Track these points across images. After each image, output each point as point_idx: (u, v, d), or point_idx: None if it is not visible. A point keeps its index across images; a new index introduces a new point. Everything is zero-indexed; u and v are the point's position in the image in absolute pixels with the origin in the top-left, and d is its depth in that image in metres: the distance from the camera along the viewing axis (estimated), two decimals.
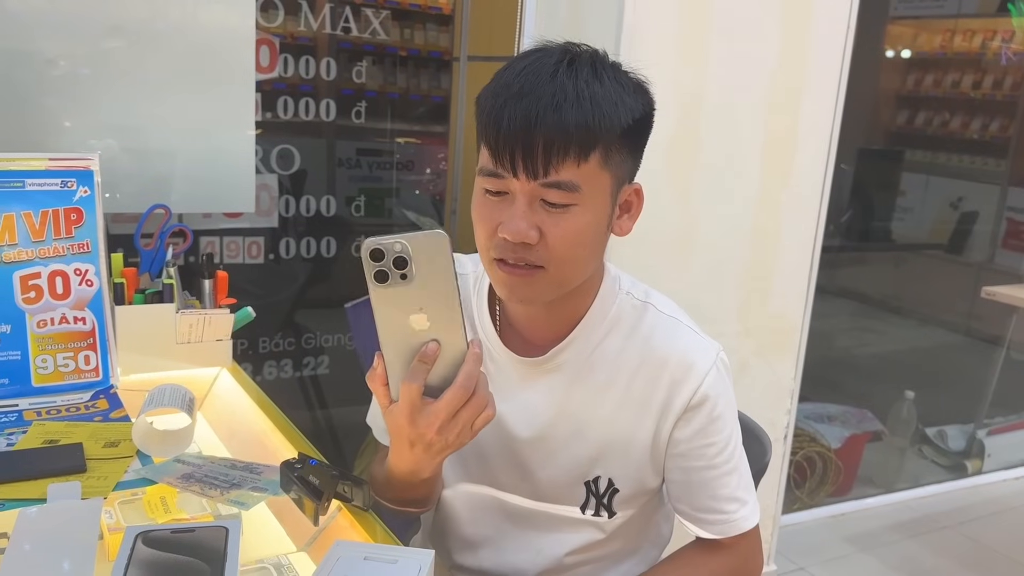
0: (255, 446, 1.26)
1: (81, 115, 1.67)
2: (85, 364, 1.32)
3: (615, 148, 0.92)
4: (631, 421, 1.05)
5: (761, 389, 2.24)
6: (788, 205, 2.17)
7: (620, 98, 0.92)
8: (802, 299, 2.25)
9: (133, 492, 1.06)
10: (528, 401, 1.07)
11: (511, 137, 0.89)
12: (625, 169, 0.97)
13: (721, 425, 1.05)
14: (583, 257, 0.97)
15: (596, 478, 1.07)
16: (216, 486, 1.04)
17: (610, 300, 1.06)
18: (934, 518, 3.03)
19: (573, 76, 0.90)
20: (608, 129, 0.90)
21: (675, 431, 1.04)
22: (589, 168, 0.91)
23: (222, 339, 1.43)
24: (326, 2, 2.46)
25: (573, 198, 0.91)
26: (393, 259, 0.81)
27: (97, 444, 1.14)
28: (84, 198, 1.31)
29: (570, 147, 0.89)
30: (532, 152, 0.89)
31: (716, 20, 1.96)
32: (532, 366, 1.06)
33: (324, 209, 2.53)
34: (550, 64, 0.91)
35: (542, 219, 0.92)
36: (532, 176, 0.90)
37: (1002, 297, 2.69)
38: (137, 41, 1.69)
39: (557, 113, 0.88)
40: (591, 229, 0.94)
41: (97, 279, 1.32)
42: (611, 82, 0.92)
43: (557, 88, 0.89)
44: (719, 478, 1.06)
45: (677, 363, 1.03)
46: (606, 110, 0.90)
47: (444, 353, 0.86)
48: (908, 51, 5.53)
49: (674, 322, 1.06)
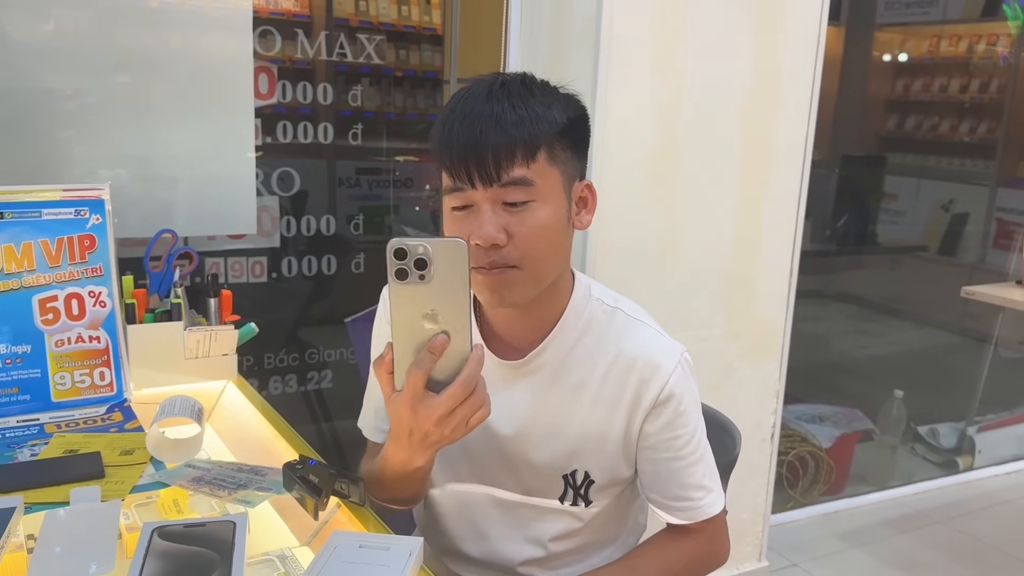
0: (260, 452, 1.34)
1: (91, 146, 1.76)
2: (100, 380, 1.41)
3: (558, 146, 1.04)
4: (604, 418, 1.14)
5: (747, 390, 2.32)
6: (768, 211, 2.25)
7: (551, 104, 1.04)
8: (784, 301, 2.33)
9: (148, 495, 1.14)
10: (510, 401, 1.16)
11: (463, 152, 1.01)
12: (572, 166, 1.08)
13: (687, 419, 1.14)
14: (550, 251, 1.07)
15: (573, 471, 1.16)
16: (224, 487, 1.13)
17: (582, 306, 1.15)
18: (926, 513, 3.08)
19: (506, 93, 1.02)
20: (546, 129, 1.02)
21: (644, 425, 1.13)
22: (538, 166, 1.02)
23: (227, 354, 1.52)
24: (322, 28, 2.54)
25: (530, 193, 1.02)
26: (415, 260, 0.90)
27: (114, 452, 1.23)
28: (96, 225, 1.40)
29: (516, 149, 1.00)
30: (484, 161, 1.00)
31: (689, 38, 2.04)
32: (513, 369, 1.15)
33: (324, 228, 2.61)
34: (484, 89, 1.03)
35: (507, 220, 1.03)
36: (488, 182, 1.01)
37: (981, 296, 2.75)
38: (141, 72, 1.77)
39: (498, 123, 1.00)
40: (553, 221, 1.05)
41: (110, 300, 1.41)
42: (541, 93, 1.05)
43: (495, 104, 1.01)
44: (686, 468, 1.15)
45: (644, 363, 1.12)
46: (540, 113, 1.02)
47: (450, 352, 0.93)
48: (897, 56, 5.60)
49: (641, 325, 1.15)
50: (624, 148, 2.01)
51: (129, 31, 1.76)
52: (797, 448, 2.95)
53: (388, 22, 2.74)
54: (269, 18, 2.37)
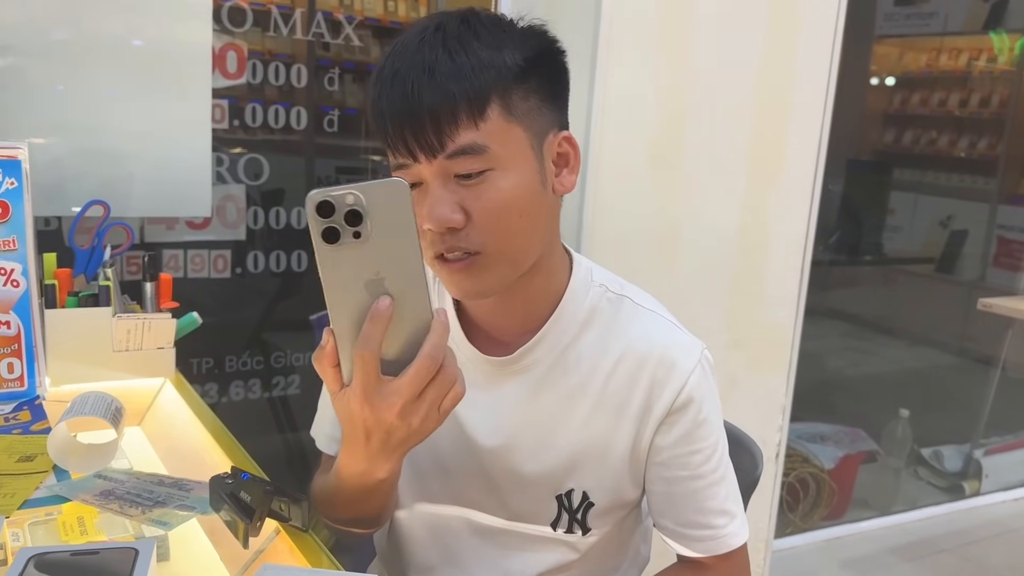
0: (194, 463, 1.14)
1: (23, 109, 1.58)
2: (8, 372, 1.20)
3: (516, 95, 0.84)
4: (607, 426, 0.94)
5: (751, 405, 2.14)
6: (776, 208, 2.10)
7: (502, 43, 0.84)
8: (793, 307, 2.16)
9: (48, 512, 0.94)
10: (494, 406, 0.96)
11: (396, 119, 0.82)
12: (541, 117, 0.87)
13: (707, 430, 0.94)
14: (522, 227, 0.86)
15: (569, 491, 0.96)
16: (137, 504, 0.92)
17: (583, 293, 0.96)
18: (932, 541, 2.93)
19: (441, 39, 0.82)
20: (496, 76, 0.82)
21: (657, 437, 0.93)
22: (491, 125, 0.82)
23: (164, 347, 1.31)
24: (304, 19, 2.39)
25: (485, 161, 0.82)
26: (345, 213, 0.69)
27: (10, 458, 1.02)
28: (10, 191, 1.19)
29: (458, 108, 0.81)
30: (421, 127, 0.81)
31: (699, 15, 1.90)
32: (499, 366, 0.95)
33: (295, 221, 2.43)
34: (415, 34, 0.84)
35: (462, 197, 0.83)
36: (431, 153, 0.82)
37: (999, 309, 2.61)
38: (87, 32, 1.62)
39: (432, 77, 0.80)
40: (520, 191, 0.84)
41: (24, 279, 1.20)
42: (489, 32, 0.84)
43: (427, 55, 0.81)
44: (706, 489, 0.95)
45: (658, 361, 0.92)
46: (486, 58, 0.82)
47: (404, 323, 0.72)
48: (894, 70, 5.53)
49: (653, 316, 0.96)
50: (623, 130, 1.87)
51: None
52: (798, 469, 2.78)
53: (373, 16, 2.60)
54: (246, 8, 2.20)
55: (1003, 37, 4.76)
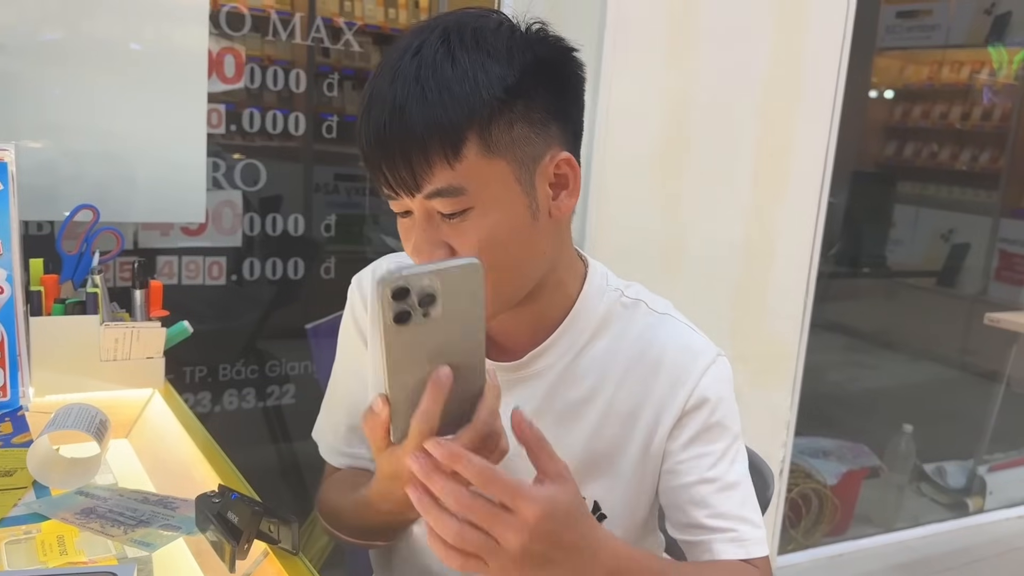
0: (182, 478, 1.10)
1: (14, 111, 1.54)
2: None
3: (496, 128, 0.78)
4: (619, 434, 0.90)
5: (756, 420, 2.10)
6: (782, 221, 2.08)
7: (480, 69, 0.77)
8: (798, 321, 2.14)
9: (26, 530, 0.90)
10: (503, 413, 0.92)
11: (372, 156, 0.79)
12: (532, 145, 0.81)
13: (719, 434, 0.89)
14: (510, 260, 0.82)
15: None
16: (120, 523, 0.88)
17: (596, 300, 0.93)
18: (937, 559, 2.89)
19: (416, 66, 0.76)
20: (469, 112, 0.76)
21: (668, 442, 0.90)
22: (467, 164, 0.77)
23: (153, 356, 1.27)
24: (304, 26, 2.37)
25: (462, 202, 0.78)
26: (420, 297, 0.67)
27: None
28: None
29: (429, 150, 0.76)
30: (394, 166, 0.77)
31: (705, 21, 1.88)
32: (507, 372, 0.92)
33: (292, 228, 2.40)
34: (395, 58, 0.78)
35: (446, 232, 0.80)
36: (408, 192, 0.79)
37: (1006, 324, 2.58)
38: (81, 37, 1.59)
39: (401, 117, 0.76)
40: (504, 227, 0.80)
41: (8, 285, 1.16)
42: (468, 54, 0.77)
43: (398, 87, 0.76)
44: (716, 493, 0.89)
45: (671, 365, 0.89)
46: (458, 93, 0.76)
47: (459, 386, 0.71)
48: (896, 83, 5.52)
49: (669, 320, 0.93)
50: (628, 140, 1.85)
51: None
52: (800, 485, 2.73)
53: (374, 23, 2.58)
54: (245, 13, 2.17)
55: (1001, 51, 4.75)
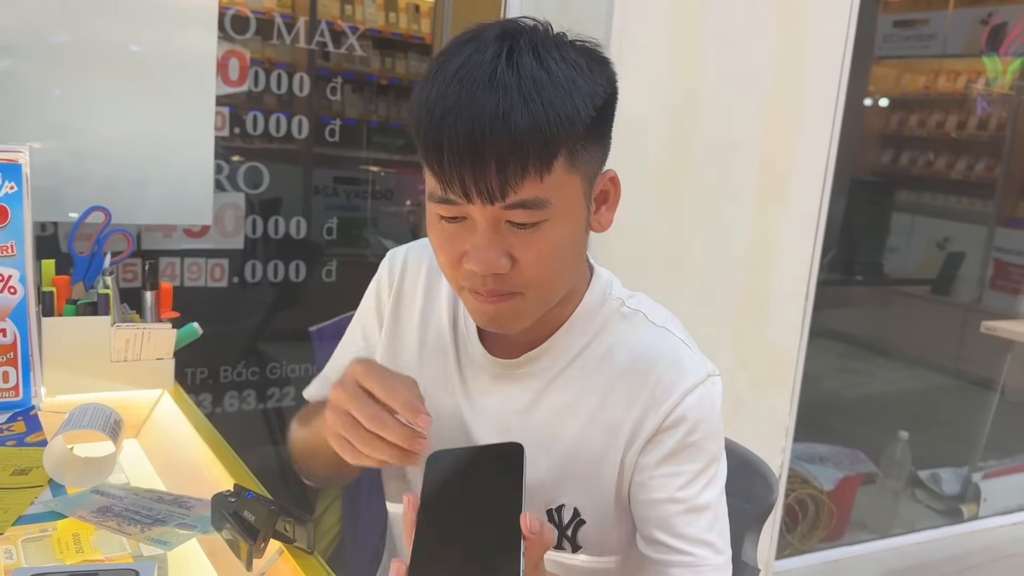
0: (193, 479, 1.11)
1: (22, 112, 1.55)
2: (3, 381, 1.16)
3: (580, 146, 0.79)
4: (600, 443, 0.90)
5: (755, 426, 2.12)
6: (784, 230, 2.09)
7: (575, 87, 0.78)
8: (798, 329, 2.15)
9: (42, 528, 0.91)
10: (499, 408, 0.94)
11: (457, 160, 0.76)
12: (596, 160, 0.84)
13: (695, 455, 0.88)
14: (563, 274, 0.86)
15: (560, 507, 0.92)
16: (136, 522, 0.89)
17: (597, 306, 0.94)
18: (932, 565, 2.91)
19: (515, 71, 0.76)
20: (568, 129, 0.77)
21: (642, 456, 0.89)
22: (554, 178, 0.78)
23: (163, 358, 1.28)
24: (305, 29, 2.38)
25: (542, 214, 0.79)
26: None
27: (4, 471, 0.99)
28: (10, 195, 1.16)
29: (528, 164, 0.76)
30: (485, 175, 0.76)
31: (708, 29, 1.89)
32: (505, 368, 0.94)
33: (294, 231, 2.41)
34: (486, 63, 0.76)
35: (511, 243, 0.80)
36: (489, 200, 0.77)
37: (1002, 332, 2.60)
38: (89, 40, 1.60)
39: (505, 124, 0.74)
40: (568, 240, 0.83)
41: (21, 286, 1.17)
42: (560, 66, 0.78)
43: (500, 92, 0.75)
44: (682, 515, 0.88)
45: (657, 379, 0.89)
46: (560, 107, 0.76)
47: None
48: (893, 91, 5.54)
49: (664, 334, 0.93)
50: (632, 148, 1.84)
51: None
52: (797, 490, 2.75)
53: (374, 28, 2.59)
54: (243, 15, 2.18)
55: (996, 61, 4.77)
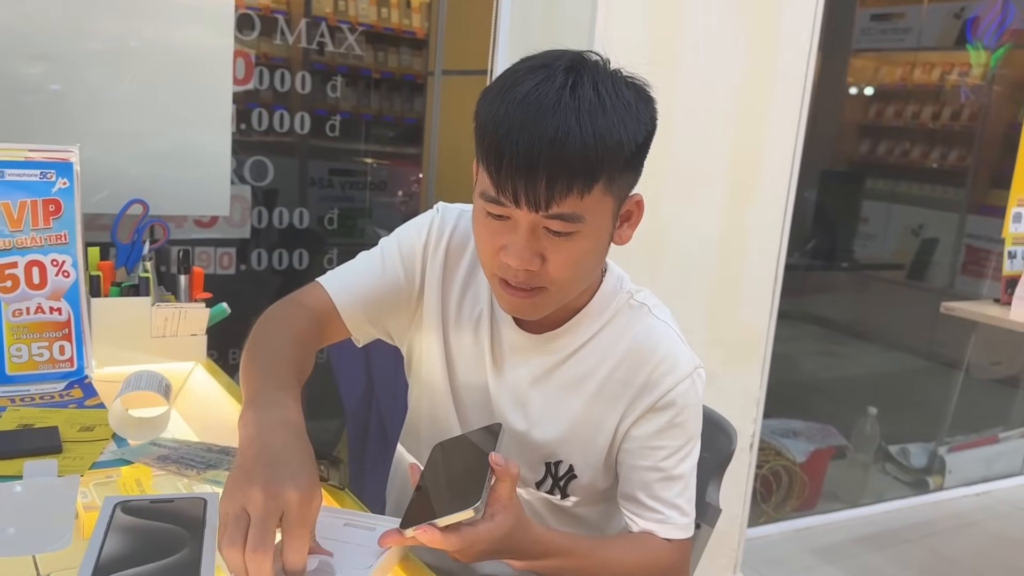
0: (230, 436, 1.26)
1: (59, 115, 1.68)
2: (60, 354, 1.32)
3: (619, 173, 0.94)
4: (601, 413, 1.08)
5: (728, 397, 2.28)
6: (753, 219, 2.23)
7: (624, 123, 0.91)
8: (767, 310, 2.30)
9: (108, 474, 1.06)
10: (515, 378, 1.11)
11: (514, 171, 0.89)
12: (629, 186, 0.99)
13: (678, 434, 1.06)
14: (583, 276, 1.01)
15: (558, 462, 1.10)
16: (192, 466, 1.05)
17: (609, 299, 1.10)
18: (897, 532, 3.07)
19: (576, 104, 0.88)
20: (612, 160, 0.91)
21: (632, 428, 1.07)
22: (592, 198, 0.92)
23: (196, 334, 1.44)
24: (299, 25, 2.49)
25: (576, 227, 0.93)
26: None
27: (72, 428, 1.14)
28: (63, 190, 1.32)
29: (574, 182, 0.89)
30: (535, 187, 0.89)
31: (685, 37, 2.02)
32: (532, 341, 1.09)
33: (297, 221, 2.55)
34: (553, 91, 0.89)
35: (544, 245, 0.94)
36: (534, 208, 0.91)
37: (961, 312, 2.75)
38: (113, 44, 1.72)
39: (560, 149, 0.87)
40: (592, 251, 0.98)
41: (74, 270, 1.33)
42: (614, 102, 0.91)
43: (560, 121, 0.87)
44: (661, 481, 1.06)
45: (655, 366, 1.05)
46: (609, 142, 0.89)
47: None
48: (870, 83, 5.65)
49: (663, 327, 1.09)
50: None
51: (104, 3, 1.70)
52: (772, 462, 2.92)
53: (367, 22, 2.70)
54: (245, 12, 2.30)
55: (980, 51, 4.89)
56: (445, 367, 1.13)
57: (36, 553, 0.85)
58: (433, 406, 1.16)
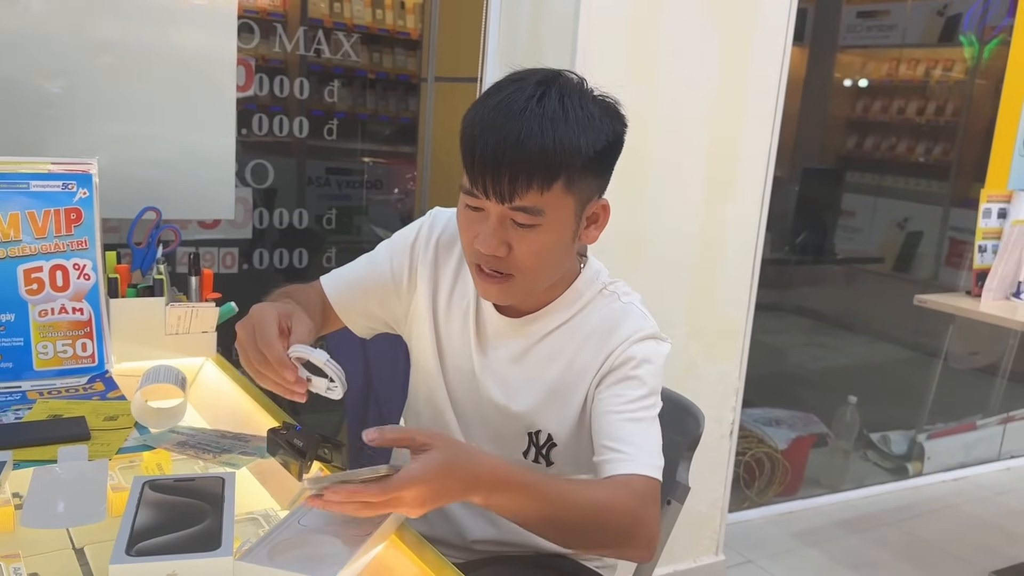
0: (240, 425, 1.37)
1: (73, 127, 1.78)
2: (82, 351, 1.43)
3: (578, 175, 1.07)
4: (572, 383, 1.21)
5: (708, 387, 2.38)
6: (731, 216, 2.33)
7: (584, 131, 1.04)
8: (745, 304, 2.41)
9: (131, 459, 1.17)
10: (496, 357, 1.24)
11: (482, 167, 1.04)
12: (591, 189, 1.12)
13: (636, 384, 1.16)
14: (547, 268, 1.14)
15: (538, 431, 1.23)
16: (209, 451, 1.17)
17: (585, 289, 1.23)
18: (877, 516, 3.18)
19: (540, 111, 1.03)
20: (569, 162, 1.05)
21: (598, 390, 1.19)
22: (552, 195, 1.06)
23: (207, 331, 1.55)
24: (296, 27, 2.57)
25: (538, 220, 1.07)
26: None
27: (98, 418, 1.26)
28: (83, 199, 1.43)
29: (533, 178, 1.04)
30: (500, 181, 1.04)
31: (663, 43, 2.12)
32: (509, 325, 1.23)
33: (296, 221, 2.64)
34: (521, 99, 1.04)
35: (511, 235, 1.09)
36: (500, 200, 1.06)
37: (933, 304, 2.85)
38: (123, 56, 1.79)
39: (522, 148, 1.02)
40: (554, 244, 1.11)
41: (94, 273, 1.44)
42: (577, 113, 1.05)
43: (524, 124, 1.02)
44: (617, 422, 1.13)
45: (618, 336, 1.18)
46: (567, 145, 1.03)
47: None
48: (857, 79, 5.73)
49: (628, 306, 1.22)
50: None
51: (114, 19, 1.78)
52: (754, 449, 3.03)
53: (362, 24, 2.78)
54: (245, 20, 2.38)
55: (973, 42, 4.97)
56: (436, 352, 1.27)
57: (82, 525, 0.97)
58: (429, 388, 1.29)
